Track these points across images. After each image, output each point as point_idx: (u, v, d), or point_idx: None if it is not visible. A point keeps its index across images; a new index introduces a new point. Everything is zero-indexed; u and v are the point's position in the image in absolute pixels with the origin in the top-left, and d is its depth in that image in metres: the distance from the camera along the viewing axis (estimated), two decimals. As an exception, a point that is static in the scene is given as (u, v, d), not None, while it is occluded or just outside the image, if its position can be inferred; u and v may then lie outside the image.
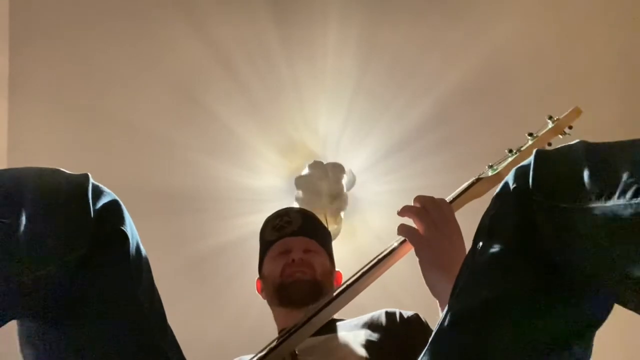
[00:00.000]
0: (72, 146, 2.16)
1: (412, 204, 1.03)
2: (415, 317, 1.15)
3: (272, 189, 2.31)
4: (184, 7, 2.07)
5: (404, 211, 1.01)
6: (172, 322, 0.82)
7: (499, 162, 1.10)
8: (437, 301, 0.98)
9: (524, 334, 0.66)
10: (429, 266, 0.97)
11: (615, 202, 0.56)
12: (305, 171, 2.25)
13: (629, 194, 0.55)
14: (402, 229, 1.01)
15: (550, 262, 0.65)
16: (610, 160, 0.60)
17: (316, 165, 2.23)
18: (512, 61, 2.18)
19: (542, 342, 0.66)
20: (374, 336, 1.09)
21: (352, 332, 1.12)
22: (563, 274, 0.65)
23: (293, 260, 1.23)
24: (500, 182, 1.05)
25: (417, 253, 0.99)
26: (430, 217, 0.98)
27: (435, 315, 1.00)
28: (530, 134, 1.13)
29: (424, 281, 1.00)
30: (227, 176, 2.25)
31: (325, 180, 2.19)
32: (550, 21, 2.16)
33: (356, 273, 1.00)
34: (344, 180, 2.25)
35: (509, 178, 0.71)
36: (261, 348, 0.98)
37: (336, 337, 1.11)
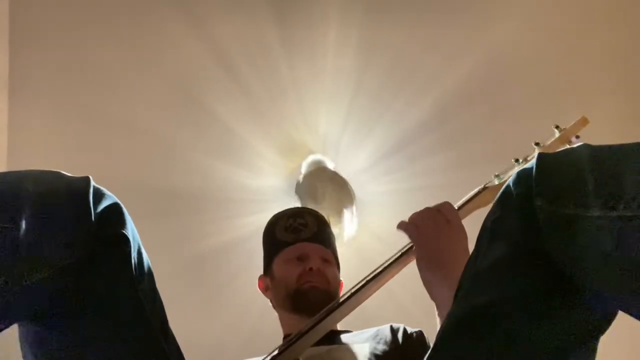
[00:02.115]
0: (72, 146, 2.16)
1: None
2: (419, 335, 1.15)
3: (272, 189, 2.31)
4: (184, 7, 2.07)
5: (408, 220, 1.02)
6: (172, 322, 0.82)
7: (505, 171, 1.10)
8: (435, 304, 0.98)
9: (527, 339, 0.66)
10: (425, 266, 0.97)
11: (620, 212, 0.56)
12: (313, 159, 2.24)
13: (634, 205, 0.55)
14: (402, 224, 1.01)
15: (554, 266, 0.65)
16: (615, 167, 0.60)
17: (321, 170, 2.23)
18: (512, 62, 2.18)
19: (545, 348, 0.66)
20: (378, 349, 1.08)
21: (357, 344, 1.12)
22: (566, 279, 0.64)
23: (311, 269, 1.21)
24: None
25: (415, 251, 0.99)
26: (431, 217, 0.99)
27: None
28: (537, 144, 1.13)
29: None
30: (227, 176, 2.25)
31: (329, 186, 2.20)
32: (551, 22, 2.16)
33: (361, 281, 1.00)
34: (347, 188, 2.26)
35: (512, 181, 0.71)
36: (261, 350, 0.98)
37: (340, 349, 1.11)
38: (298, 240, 1.25)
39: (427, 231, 0.98)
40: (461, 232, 1.00)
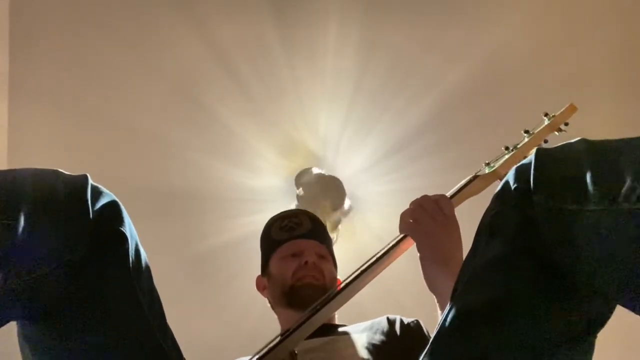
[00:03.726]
0: (72, 146, 2.16)
1: (409, 207, 1.04)
2: (416, 324, 1.15)
3: (272, 189, 2.31)
4: (184, 7, 2.07)
5: (407, 213, 1.03)
6: (172, 322, 0.82)
7: (496, 160, 1.10)
8: (435, 297, 0.99)
9: (525, 334, 0.66)
10: (429, 260, 0.98)
11: (619, 205, 0.56)
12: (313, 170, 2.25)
13: (633, 198, 0.55)
14: (403, 226, 1.02)
15: (552, 262, 0.65)
16: (613, 161, 0.60)
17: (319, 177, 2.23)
18: (511, 61, 2.18)
19: (543, 343, 0.66)
20: (376, 340, 1.09)
21: (354, 335, 1.12)
22: (565, 275, 0.64)
23: (306, 263, 1.21)
24: (496, 179, 1.06)
25: (418, 248, 1.00)
26: (427, 212, 0.99)
27: (434, 312, 1.00)
28: (527, 131, 1.13)
29: (423, 280, 1.01)
30: (227, 176, 2.25)
31: (328, 194, 2.20)
32: (550, 21, 2.16)
33: (355, 271, 1.00)
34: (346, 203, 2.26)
35: (510, 177, 0.71)
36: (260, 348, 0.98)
37: (338, 339, 1.11)
38: (292, 238, 1.26)
39: (427, 225, 0.99)
40: (455, 224, 1.01)
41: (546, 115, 1.13)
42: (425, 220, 0.99)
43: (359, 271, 0.99)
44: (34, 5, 2.01)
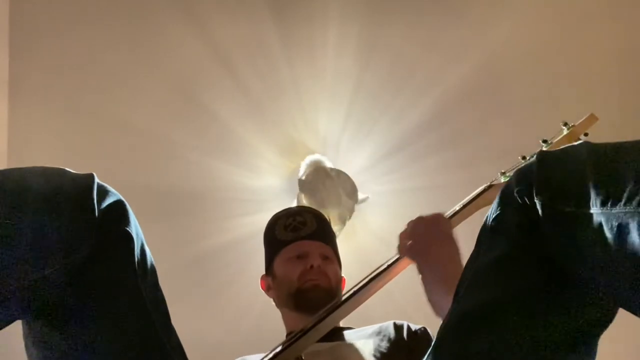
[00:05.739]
0: (72, 146, 2.16)
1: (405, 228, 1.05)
2: (423, 331, 1.15)
3: (272, 189, 2.31)
4: (184, 8, 2.07)
5: (401, 238, 1.04)
6: (172, 322, 0.82)
7: (511, 169, 1.10)
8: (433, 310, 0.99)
9: (527, 336, 0.66)
10: (430, 281, 0.98)
11: (620, 209, 0.56)
12: (317, 159, 2.24)
13: (635, 202, 0.55)
14: (401, 249, 1.03)
15: (554, 264, 0.65)
16: (615, 165, 0.60)
17: (325, 170, 2.23)
18: (511, 61, 2.18)
19: (545, 345, 0.66)
20: (382, 346, 1.09)
21: (360, 340, 1.12)
22: (567, 277, 0.65)
23: (311, 267, 1.21)
24: None
25: (418, 269, 1.00)
26: (424, 233, 1.00)
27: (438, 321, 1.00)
28: (545, 141, 1.12)
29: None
30: (227, 176, 2.25)
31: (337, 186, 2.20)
32: (550, 21, 2.16)
33: (362, 280, 1.00)
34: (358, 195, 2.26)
35: (512, 179, 0.71)
36: (263, 349, 0.98)
37: (344, 345, 1.11)
38: (297, 239, 1.25)
39: (425, 247, 1.00)
40: (453, 242, 1.02)
41: (565, 124, 1.13)
42: (423, 241, 0.99)
43: (366, 280, 1.00)
44: (34, 5, 2.01)
